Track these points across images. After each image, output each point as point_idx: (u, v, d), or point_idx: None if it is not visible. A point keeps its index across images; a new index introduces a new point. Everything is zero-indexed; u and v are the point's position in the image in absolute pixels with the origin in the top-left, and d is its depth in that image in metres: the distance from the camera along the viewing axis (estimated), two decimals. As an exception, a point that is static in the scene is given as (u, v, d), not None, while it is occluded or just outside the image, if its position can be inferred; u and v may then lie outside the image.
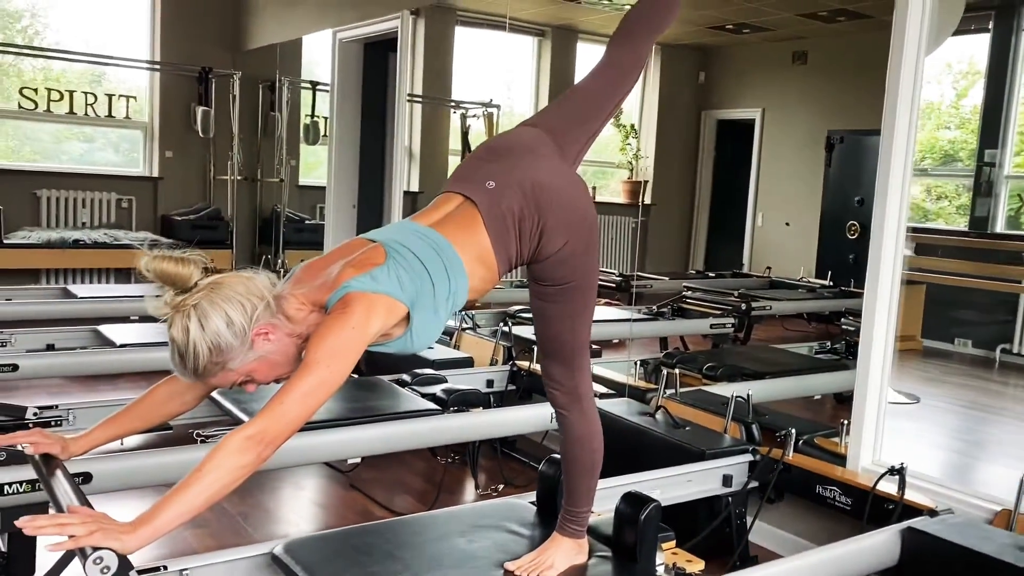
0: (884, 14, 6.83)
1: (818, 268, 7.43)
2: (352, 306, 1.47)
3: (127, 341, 3.91)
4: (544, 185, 1.69)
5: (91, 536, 1.26)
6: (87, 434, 1.69)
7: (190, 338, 1.44)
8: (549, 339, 1.81)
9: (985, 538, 2.18)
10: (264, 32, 6.58)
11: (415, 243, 1.60)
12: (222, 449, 1.36)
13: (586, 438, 1.87)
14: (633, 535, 1.95)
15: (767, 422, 3.12)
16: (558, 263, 1.71)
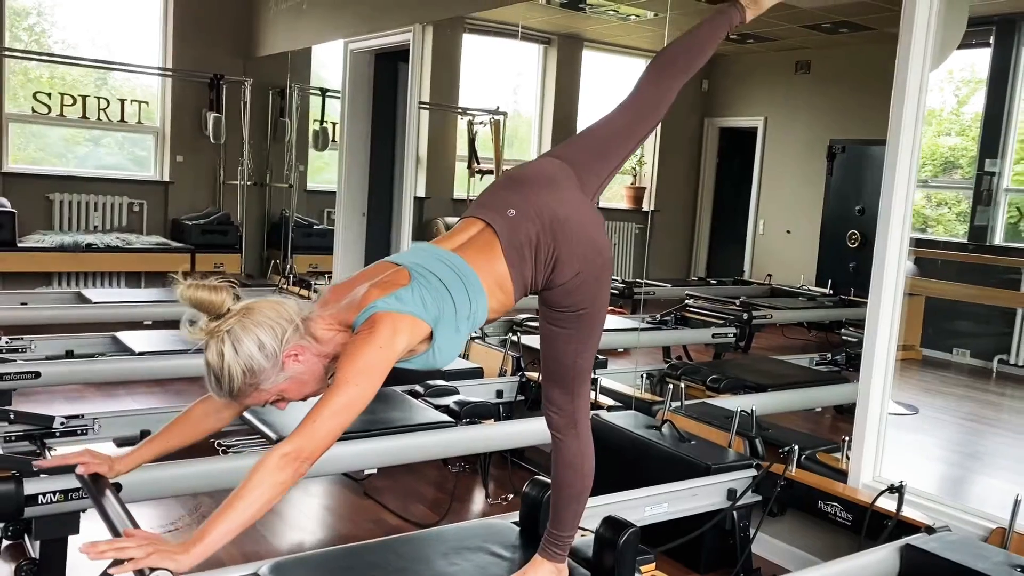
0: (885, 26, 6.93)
1: (818, 276, 7.51)
2: (379, 326, 1.56)
3: (145, 349, 3.99)
4: (561, 218, 1.77)
5: (149, 558, 1.35)
6: (132, 453, 1.78)
7: (225, 362, 1.53)
8: (553, 362, 1.88)
9: (980, 556, 2.27)
10: (275, 40, 6.67)
11: (437, 266, 1.69)
12: (262, 467, 1.45)
13: (579, 463, 1.92)
14: (612, 559, 1.98)
15: (770, 436, 3.22)
16: (569, 292, 1.79)
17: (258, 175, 7.15)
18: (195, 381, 4.65)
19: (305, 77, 7.14)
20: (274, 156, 7.18)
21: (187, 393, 4.66)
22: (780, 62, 8.03)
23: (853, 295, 6.86)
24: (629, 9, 6.99)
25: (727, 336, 5.58)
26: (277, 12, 6.55)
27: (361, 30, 5.49)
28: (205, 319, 1.55)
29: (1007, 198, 6.49)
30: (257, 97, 7.04)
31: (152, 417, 3.17)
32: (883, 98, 2.89)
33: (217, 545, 1.41)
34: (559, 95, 7.69)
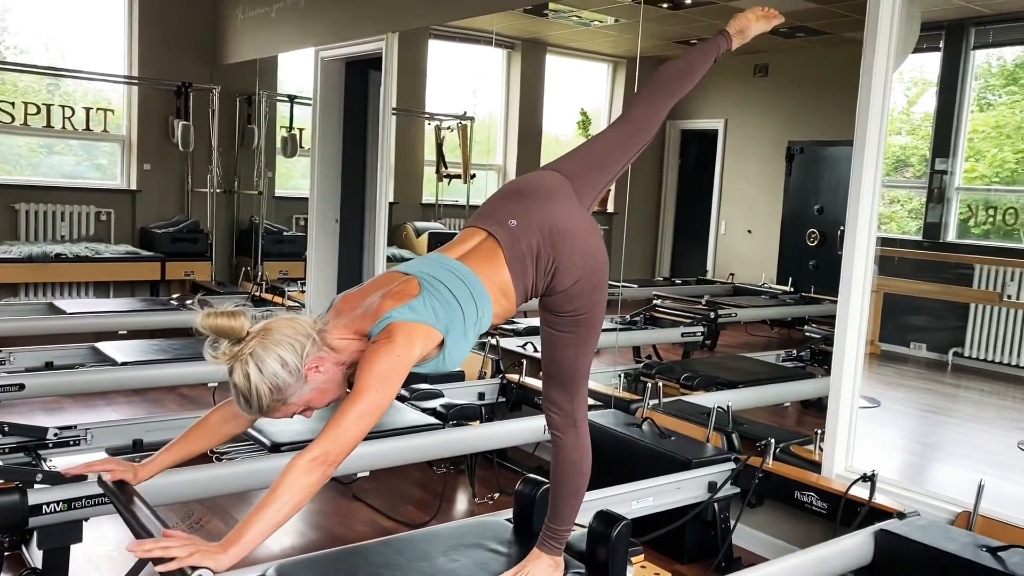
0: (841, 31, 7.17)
1: (779, 274, 7.71)
2: (395, 335, 1.65)
3: (127, 359, 4.01)
4: (561, 229, 1.87)
5: (191, 557, 1.42)
6: (153, 460, 1.84)
7: (252, 383, 1.60)
8: (554, 364, 1.98)
9: (948, 538, 2.43)
10: (243, 48, 6.68)
11: (445, 275, 1.78)
12: (292, 471, 1.53)
13: (578, 461, 2.02)
14: (605, 551, 2.07)
15: (745, 431, 3.36)
16: (569, 298, 1.89)
17: (227, 182, 7.15)
18: (173, 389, 4.70)
19: (272, 84, 7.15)
20: (242, 163, 7.19)
21: (165, 402, 4.68)
22: (739, 65, 8.22)
23: (813, 292, 7.07)
24: (591, 15, 7.12)
25: (695, 335, 5.73)
26: (244, 20, 6.57)
27: (332, 39, 5.54)
28: (227, 344, 1.62)
29: (959, 196, 6.74)
30: (224, 104, 7.04)
31: (143, 427, 3.21)
32: (839, 100, 3.03)
33: (254, 545, 1.49)
34: (524, 99, 7.80)
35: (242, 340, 1.61)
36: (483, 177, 7.76)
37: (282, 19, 6.05)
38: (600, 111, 8.53)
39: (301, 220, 7.33)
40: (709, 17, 6.83)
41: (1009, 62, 6.78)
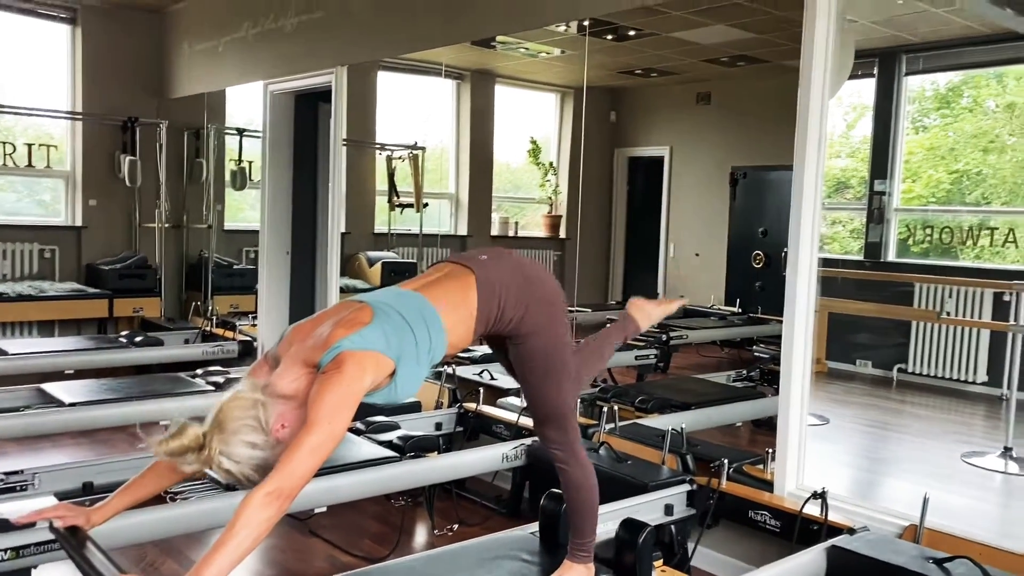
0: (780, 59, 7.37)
1: (727, 296, 7.87)
2: (345, 364, 1.67)
3: (75, 399, 3.93)
4: (526, 269, 2.03)
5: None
6: (106, 504, 1.82)
7: (234, 474, 1.64)
8: (542, 407, 2.08)
9: (896, 552, 2.50)
10: (190, 82, 6.64)
11: (399, 302, 1.83)
12: (247, 507, 1.54)
13: (585, 485, 2.15)
14: (632, 557, 2.26)
15: (699, 452, 3.41)
16: (531, 333, 1.96)
17: (175, 217, 7.07)
18: (123, 429, 4.60)
19: (220, 117, 7.12)
20: (191, 197, 7.12)
21: (115, 442, 4.58)
22: (682, 94, 8.42)
23: (761, 312, 7.22)
24: (538, 47, 7.23)
25: (649, 358, 5.80)
26: (192, 54, 6.54)
27: (281, 72, 5.54)
28: (192, 455, 1.62)
29: (897, 216, 6.96)
30: (172, 138, 6.98)
31: (92, 469, 3.15)
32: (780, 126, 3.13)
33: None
34: (475, 128, 7.89)
35: (203, 446, 1.61)
36: (436, 205, 7.80)
37: (230, 53, 6.04)
38: (550, 139, 8.65)
39: (251, 253, 7.28)
40: (652, 48, 6.98)
41: (942, 87, 7.04)
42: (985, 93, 6.84)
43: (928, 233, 6.78)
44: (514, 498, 3.63)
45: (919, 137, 7.12)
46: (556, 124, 8.77)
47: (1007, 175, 6.57)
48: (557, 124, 8.77)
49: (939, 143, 7.04)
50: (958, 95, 6.98)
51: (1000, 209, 6.49)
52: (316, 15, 5.22)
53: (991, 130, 6.71)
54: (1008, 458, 4.24)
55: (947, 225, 6.63)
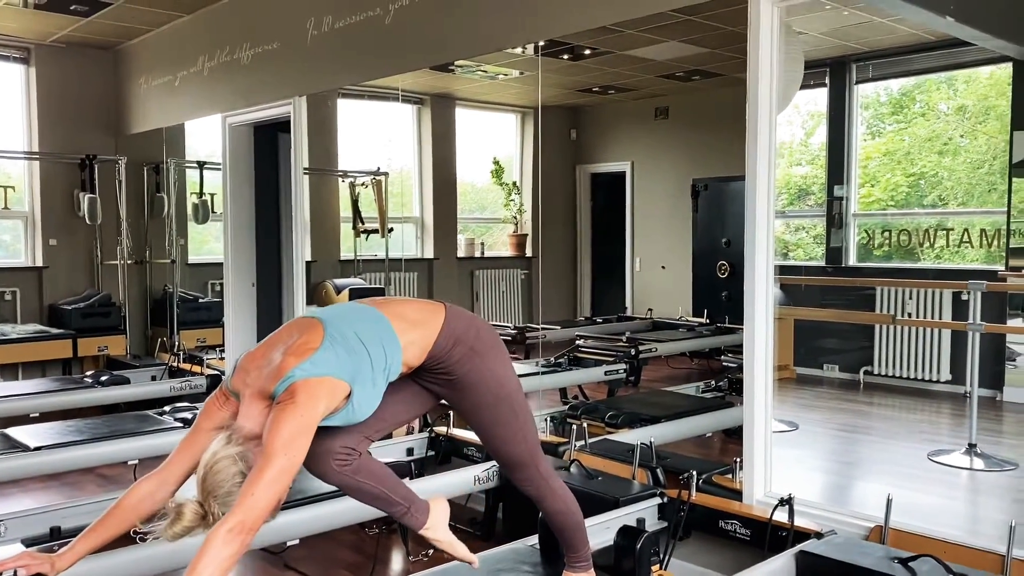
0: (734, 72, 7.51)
1: (694, 307, 7.95)
2: (298, 394, 1.69)
3: (41, 443, 3.88)
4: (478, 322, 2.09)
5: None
6: (71, 548, 1.81)
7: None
8: (501, 454, 2.12)
9: (864, 553, 2.54)
10: (148, 117, 6.62)
11: (353, 320, 1.85)
12: (211, 544, 1.55)
13: (565, 509, 2.20)
14: (632, 561, 2.39)
15: (669, 465, 3.45)
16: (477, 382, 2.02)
17: (138, 252, 7.02)
18: (91, 471, 4.54)
19: (180, 151, 7.09)
20: (152, 232, 7.08)
21: (83, 484, 4.53)
22: (640, 109, 8.53)
23: (728, 322, 7.30)
24: (496, 69, 7.30)
25: (618, 372, 5.84)
26: (148, 89, 6.52)
27: (239, 104, 5.54)
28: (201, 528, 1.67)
29: (856, 221, 7.10)
30: (131, 174, 6.94)
31: (59, 513, 3.11)
32: (737, 137, 3.18)
33: None
34: (436, 151, 7.92)
35: (205, 515, 1.63)
36: (400, 229, 7.81)
37: (187, 87, 6.03)
38: (512, 158, 8.72)
39: (216, 286, 7.23)
40: (609, 66, 7.08)
41: (895, 92, 7.21)
42: (937, 97, 7.01)
43: (887, 237, 6.92)
44: (488, 520, 3.64)
45: (875, 142, 7.27)
46: (518, 144, 8.84)
47: (962, 176, 6.73)
48: (519, 144, 8.84)
49: (895, 147, 7.19)
50: (911, 100, 7.14)
51: (955, 211, 6.64)
52: (272, 46, 5.24)
53: (944, 133, 6.87)
54: (972, 455, 4.32)
55: (905, 228, 6.77)
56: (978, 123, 6.72)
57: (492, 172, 8.56)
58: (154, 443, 4.09)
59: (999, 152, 6.35)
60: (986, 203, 6.52)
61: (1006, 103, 6.24)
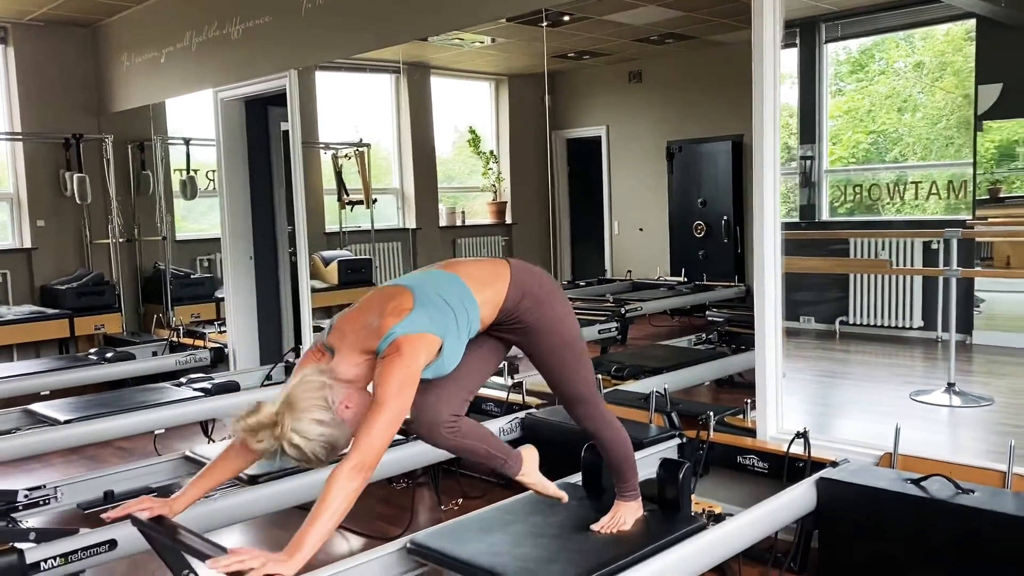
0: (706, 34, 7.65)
1: (672, 266, 8.17)
2: (403, 348, 1.86)
3: (70, 417, 3.97)
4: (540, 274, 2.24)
5: (265, 567, 1.58)
6: (183, 494, 1.96)
7: (304, 451, 1.79)
8: (567, 392, 2.31)
9: (878, 477, 2.78)
10: (132, 94, 6.61)
11: (437, 285, 2.01)
12: (336, 480, 1.71)
13: (618, 441, 2.42)
14: (674, 490, 2.54)
15: (681, 410, 3.66)
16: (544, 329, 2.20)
17: (127, 230, 7.04)
18: (108, 444, 4.64)
19: (162, 128, 7.09)
20: (140, 210, 7.09)
21: (103, 456, 4.63)
22: (614, 73, 8.66)
23: (706, 280, 7.55)
24: (472, 36, 7.37)
25: (610, 331, 6.05)
26: (132, 66, 6.51)
27: (231, 79, 5.59)
28: (265, 432, 1.77)
29: (827, 178, 7.35)
30: (115, 152, 6.93)
31: (109, 478, 3.24)
32: (709, 99, 3.34)
33: (313, 551, 1.65)
34: (414, 121, 7.99)
35: (276, 423, 1.77)
36: (382, 200, 7.90)
37: (174, 63, 6.04)
38: (488, 127, 8.81)
39: (205, 262, 7.29)
40: (586, 31, 7.19)
41: (855, 51, 7.43)
42: (896, 55, 7.24)
43: (857, 191, 7.18)
44: (512, 470, 3.82)
45: (836, 101, 7.50)
46: (493, 112, 8.93)
47: (921, 132, 6.99)
48: (494, 112, 8.93)
49: (857, 105, 7.42)
50: (870, 57, 7.37)
51: (919, 164, 6.91)
52: (264, 20, 5.28)
53: (904, 90, 7.12)
54: (952, 393, 4.60)
55: (875, 183, 7.03)
56: (935, 80, 6.97)
57: (469, 141, 8.65)
58: (177, 412, 4.21)
59: (956, 107, 6.62)
60: (944, 156, 6.79)
61: (963, 59, 6.49)
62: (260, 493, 2.96)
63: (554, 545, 2.37)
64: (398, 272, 7.68)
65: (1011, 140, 6.23)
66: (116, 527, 2.59)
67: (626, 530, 2.44)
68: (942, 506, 2.53)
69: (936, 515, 2.53)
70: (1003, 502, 2.52)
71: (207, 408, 4.26)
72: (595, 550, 2.33)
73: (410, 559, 2.44)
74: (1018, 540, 2.36)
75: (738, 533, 2.55)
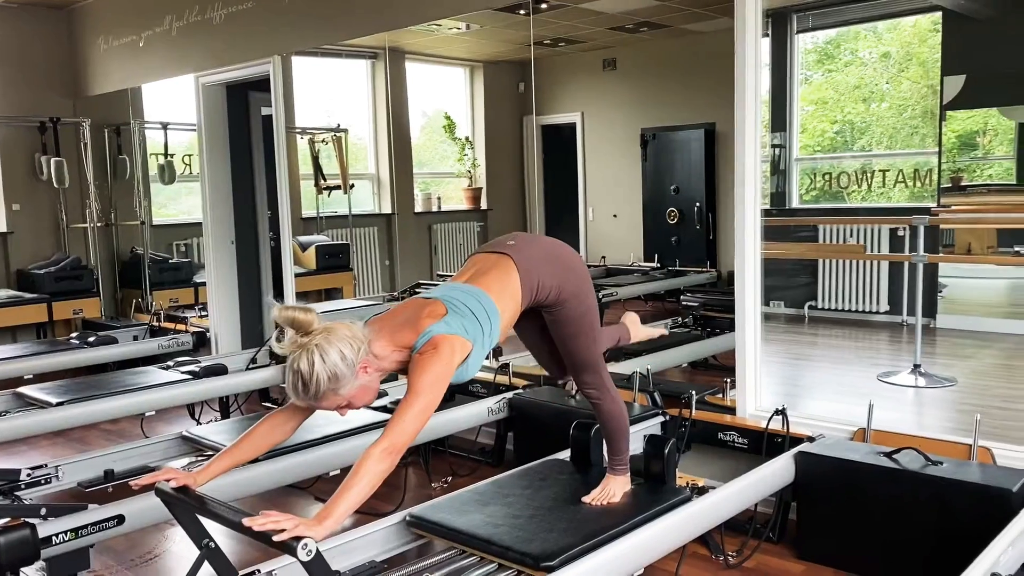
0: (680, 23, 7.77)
1: (646, 252, 8.31)
2: (440, 346, 1.95)
3: (62, 399, 4.01)
4: (551, 248, 2.35)
5: (297, 528, 1.67)
6: (207, 467, 2.04)
7: (315, 369, 1.86)
8: (576, 358, 2.44)
9: (852, 450, 2.93)
10: (109, 78, 6.59)
11: (464, 297, 2.12)
12: (368, 459, 1.81)
13: (616, 411, 2.56)
14: (660, 465, 2.69)
15: (662, 390, 3.80)
16: (566, 301, 2.31)
17: (104, 215, 7.02)
18: (95, 427, 4.68)
19: (139, 111, 7.07)
20: (116, 194, 7.07)
21: (88, 439, 4.67)
22: (589, 61, 8.75)
23: (678, 265, 7.70)
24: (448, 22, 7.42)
25: (588, 315, 6.15)
26: (109, 50, 6.48)
27: (212, 64, 5.60)
28: (294, 334, 1.86)
29: (798, 166, 7.53)
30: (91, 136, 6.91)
31: (109, 457, 3.30)
32: (683, 88, 3.44)
33: (342, 520, 1.76)
34: (390, 106, 8.03)
35: (310, 333, 1.86)
36: (358, 186, 7.94)
37: (153, 47, 6.04)
38: (463, 113, 8.87)
39: (182, 247, 7.29)
40: (563, 19, 7.28)
41: (821, 42, 7.61)
42: (864, 45, 7.42)
43: (826, 179, 7.37)
44: (498, 448, 3.94)
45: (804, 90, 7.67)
46: (468, 98, 8.99)
47: (888, 122, 7.19)
48: (468, 98, 8.99)
49: (824, 95, 7.60)
50: (836, 47, 7.55)
51: (886, 153, 7.11)
52: (246, 6, 5.31)
53: (871, 80, 7.31)
54: (917, 374, 4.79)
55: (843, 171, 7.23)
56: (901, 70, 7.16)
57: (444, 127, 8.71)
58: (167, 395, 4.26)
59: (921, 97, 6.82)
60: (909, 145, 6.99)
61: (928, 50, 6.68)
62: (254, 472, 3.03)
63: (548, 516, 2.49)
64: (375, 256, 7.74)
65: (972, 131, 6.44)
66: (123, 503, 2.69)
67: (616, 502, 2.57)
68: (914, 476, 2.69)
69: (908, 485, 2.69)
70: (969, 472, 2.68)
71: (197, 390, 4.32)
72: (587, 521, 2.46)
73: (409, 531, 2.56)
74: (983, 506, 2.53)
75: (723, 503, 2.69)
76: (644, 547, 2.37)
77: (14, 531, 2.41)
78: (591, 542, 2.31)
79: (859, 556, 2.81)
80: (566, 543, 2.29)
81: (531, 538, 2.33)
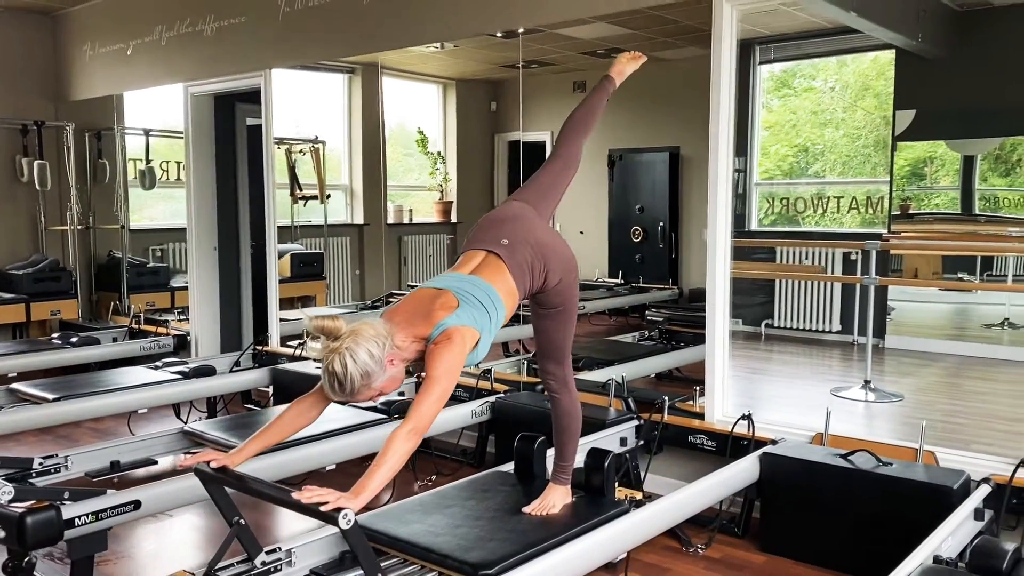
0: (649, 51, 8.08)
1: (610, 269, 8.62)
2: (454, 336, 2.17)
3: (57, 395, 4.13)
4: (542, 241, 2.50)
5: (338, 500, 1.89)
6: (241, 450, 2.23)
7: (348, 370, 2.07)
8: (548, 345, 2.61)
9: (812, 452, 3.22)
10: (94, 84, 6.69)
11: (471, 287, 2.33)
12: (395, 440, 2.03)
13: (572, 412, 2.70)
14: (600, 478, 2.78)
15: (636, 396, 4.06)
16: (555, 293, 2.51)
17: (83, 218, 7.10)
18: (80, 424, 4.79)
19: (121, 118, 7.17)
20: (96, 198, 7.16)
21: (75, 435, 4.78)
22: (559, 83, 9.05)
23: (642, 282, 8.02)
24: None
25: (558, 327, 6.41)
26: (95, 56, 6.59)
27: (202, 75, 5.76)
28: (325, 340, 2.07)
29: (757, 190, 7.90)
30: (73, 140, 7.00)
31: (115, 449, 3.46)
32: (650, 112, 3.70)
33: (373, 495, 1.97)
34: (365, 120, 8.22)
35: (339, 338, 2.07)
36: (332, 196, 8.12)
37: (141, 56, 6.17)
38: (435, 128, 9.10)
39: (158, 251, 7.40)
40: (538, 43, 7.56)
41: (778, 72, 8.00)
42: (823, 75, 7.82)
43: (784, 203, 7.74)
44: (480, 449, 4.16)
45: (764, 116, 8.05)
46: (440, 114, 9.22)
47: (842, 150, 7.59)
48: (441, 114, 9.22)
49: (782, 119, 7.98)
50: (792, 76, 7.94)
51: (841, 180, 7.50)
52: (238, 20, 5.49)
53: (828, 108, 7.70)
54: (868, 390, 5.11)
55: (800, 196, 7.60)
56: (857, 99, 7.56)
57: (417, 142, 8.92)
58: (158, 393, 4.41)
59: (875, 127, 7.22)
60: (862, 173, 7.39)
61: (884, 82, 7.09)
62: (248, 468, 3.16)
63: (489, 526, 2.53)
64: (348, 265, 7.91)
65: (919, 160, 6.84)
66: (139, 489, 2.87)
67: (555, 513, 2.64)
68: (866, 475, 2.98)
69: (861, 483, 2.98)
70: (916, 472, 2.99)
71: (188, 390, 4.47)
72: (527, 531, 2.51)
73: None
74: (928, 502, 2.83)
75: (690, 501, 2.94)
76: (581, 557, 2.44)
77: (40, 512, 2.56)
78: (530, 551, 2.36)
79: (816, 547, 3.09)
80: (505, 552, 2.35)
81: (471, 547, 2.38)
